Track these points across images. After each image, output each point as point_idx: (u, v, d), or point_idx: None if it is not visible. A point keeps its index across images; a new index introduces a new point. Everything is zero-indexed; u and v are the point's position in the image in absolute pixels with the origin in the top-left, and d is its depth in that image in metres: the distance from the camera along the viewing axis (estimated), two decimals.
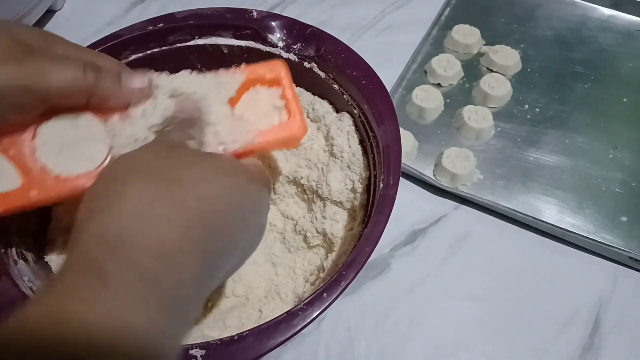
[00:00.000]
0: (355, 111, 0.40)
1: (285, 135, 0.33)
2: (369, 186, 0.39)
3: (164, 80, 0.32)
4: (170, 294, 0.20)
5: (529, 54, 0.58)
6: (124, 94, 0.30)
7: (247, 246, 0.27)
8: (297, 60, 0.42)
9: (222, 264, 0.24)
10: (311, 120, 0.44)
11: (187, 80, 0.32)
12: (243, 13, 0.42)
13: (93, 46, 0.40)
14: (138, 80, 0.31)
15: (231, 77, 0.34)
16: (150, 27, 0.41)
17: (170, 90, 0.31)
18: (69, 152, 0.30)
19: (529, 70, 0.57)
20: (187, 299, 0.21)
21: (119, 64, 0.32)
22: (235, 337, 0.28)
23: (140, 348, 0.18)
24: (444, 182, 0.48)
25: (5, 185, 0.29)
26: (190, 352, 0.27)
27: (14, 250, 0.35)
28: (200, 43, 0.43)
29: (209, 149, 0.29)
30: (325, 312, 0.29)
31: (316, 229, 0.41)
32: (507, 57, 0.56)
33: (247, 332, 0.28)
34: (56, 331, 0.17)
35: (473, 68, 0.57)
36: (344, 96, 0.41)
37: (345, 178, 0.40)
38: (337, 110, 0.43)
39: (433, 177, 0.49)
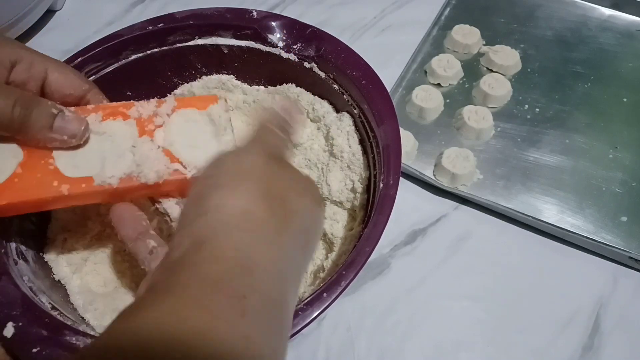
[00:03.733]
0: (355, 111, 0.40)
1: None
2: (369, 186, 0.39)
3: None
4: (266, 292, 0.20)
5: (529, 54, 0.58)
6: (51, 138, 0.30)
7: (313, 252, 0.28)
8: (297, 60, 0.42)
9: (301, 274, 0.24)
10: (311, 120, 0.44)
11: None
12: (243, 13, 0.42)
13: (93, 46, 0.40)
14: (73, 125, 0.30)
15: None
16: (150, 27, 0.41)
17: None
18: None
19: (529, 70, 0.57)
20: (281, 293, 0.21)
21: (71, 93, 0.33)
22: None
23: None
24: (444, 182, 0.48)
25: None
26: None
27: (14, 250, 0.35)
28: (200, 43, 0.43)
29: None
30: (325, 312, 0.29)
31: None
32: (507, 57, 0.56)
33: None
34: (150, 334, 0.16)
35: (473, 68, 0.57)
36: (344, 96, 0.41)
37: (345, 178, 0.40)
38: (337, 110, 0.43)
39: (433, 177, 0.49)
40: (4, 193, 0.30)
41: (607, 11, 0.61)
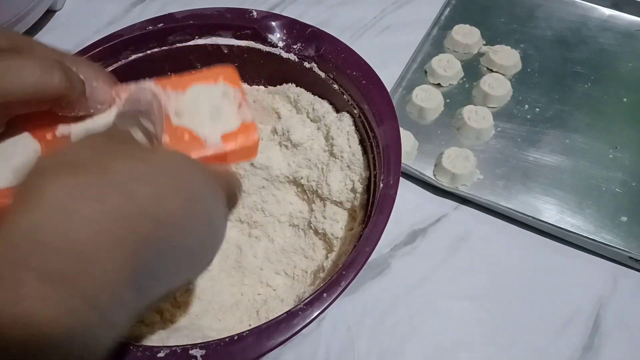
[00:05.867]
0: (355, 111, 0.40)
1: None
2: (369, 186, 0.39)
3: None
4: (85, 294, 0.19)
5: (529, 54, 0.58)
6: (85, 105, 0.29)
7: (197, 251, 0.24)
8: (297, 60, 0.42)
9: (162, 269, 0.22)
10: (311, 120, 0.44)
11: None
12: (243, 13, 0.42)
13: (93, 46, 0.40)
14: (104, 93, 0.30)
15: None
16: (150, 27, 0.41)
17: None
18: None
19: (529, 70, 0.57)
20: (112, 302, 0.20)
21: (93, 69, 0.31)
22: (235, 337, 0.28)
23: (42, 344, 0.17)
24: (444, 182, 0.48)
25: None
26: (190, 352, 0.27)
27: None
28: (200, 43, 0.43)
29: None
30: (325, 312, 0.29)
31: (316, 229, 0.41)
32: (507, 57, 0.56)
33: (247, 332, 0.28)
34: None
35: (473, 68, 0.57)
36: (344, 96, 0.41)
37: (345, 178, 0.40)
38: (337, 110, 0.43)
39: (433, 177, 0.49)
40: None
41: (607, 11, 0.61)
